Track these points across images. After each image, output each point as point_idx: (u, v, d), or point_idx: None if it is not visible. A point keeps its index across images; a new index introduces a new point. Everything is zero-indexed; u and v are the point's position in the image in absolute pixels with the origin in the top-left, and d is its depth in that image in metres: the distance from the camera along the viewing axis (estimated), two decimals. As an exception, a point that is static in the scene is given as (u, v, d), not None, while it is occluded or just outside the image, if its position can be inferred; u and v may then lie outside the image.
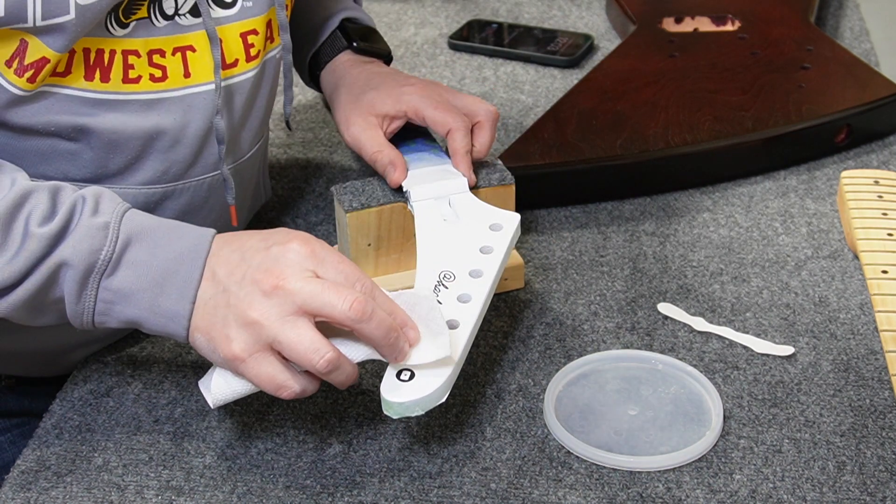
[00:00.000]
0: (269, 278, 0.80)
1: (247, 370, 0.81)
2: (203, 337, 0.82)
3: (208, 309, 0.82)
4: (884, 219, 1.07)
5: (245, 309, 0.80)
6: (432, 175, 1.01)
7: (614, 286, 1.06)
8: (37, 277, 0.82)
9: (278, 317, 0.79)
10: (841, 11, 1.56)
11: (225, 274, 0.82)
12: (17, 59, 0.84)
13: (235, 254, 0.83)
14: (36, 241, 0.81)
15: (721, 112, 1.22)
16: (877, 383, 0.94)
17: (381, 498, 0.85)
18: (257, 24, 0.95)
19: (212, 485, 0.86)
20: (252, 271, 0.81)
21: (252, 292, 0.80)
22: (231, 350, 0.80)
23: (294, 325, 0.79)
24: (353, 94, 1.06)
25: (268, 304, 0.79)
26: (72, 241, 0.81)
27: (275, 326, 0.79)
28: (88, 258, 0.82)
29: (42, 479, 0.87)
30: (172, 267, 0.83)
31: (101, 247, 0.82)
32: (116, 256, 0.82)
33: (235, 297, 0.81)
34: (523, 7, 1.60)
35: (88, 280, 0.82)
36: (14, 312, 0.84)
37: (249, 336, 0.80)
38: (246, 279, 0.81)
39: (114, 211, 0.83)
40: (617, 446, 0.88)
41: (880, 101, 1.25)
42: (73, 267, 0.82)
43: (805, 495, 0.84)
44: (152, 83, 0.90)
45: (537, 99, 1.37)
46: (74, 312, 0.84)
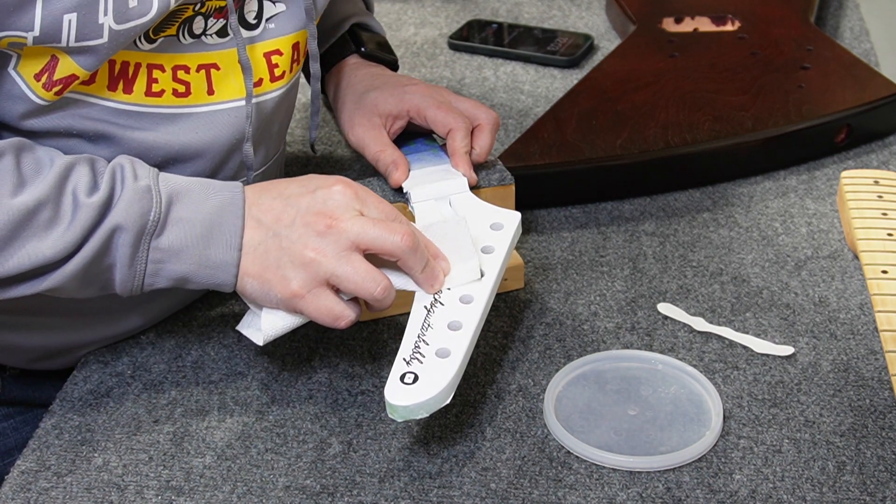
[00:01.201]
0: (322, 219, 0.85)
1: (306, 306, 0.86)
2: (255, 281, 0.86)
3: (259, 254, 0.86)
4: (884, 219, 1.07)
5: (301, 249, 0.85)
6: (432, 175, 1.01)
7: (614, 286, 1.06)
8: (92, 245, 0.83)
9: (334, 253, 0.84)
10: (841, 11, 1.56)
11: (272, 220, 0.86)
12: (46, 73, 0.85)
13: (278, 200, 0.87)
14: (87, 211, 0.83)
15: (721, 112, 1.22)
16: (877, 383, 0.94)
17: (381, 498, 0.85)
18: (281, 45, 0.96)
19: (212, 485, 0.86)
20: (302, 214, 0.86)
21: (306, 233, 0.85)
22: (290, 288, 0.85)
23: (349, 260, 0.85)
24: (355, 94, 1.06)
25: (323, 243, 0.84)
26: (122, 206, 0.84)
27: (332, 262, 0.84)
28: (139, 220, 0.84)
29: (42, 479, 0.87)
30: (216, 219, 0.86)
31: (150, 208, 0.84)
32: (163, 216, 0.85)
33: (288, 239, 0.85)
34: (523, 7, 1.60)
35: (140, 242, 0.84)
36: (67, 282, 0.85)
37: (307, 274, 0.85)
38: (297, 222, 0.85)
39: (149, 174, 0.86)
40: (617, 446, 0.88)
41: (880, 101, 1.25)
42: (126, 230, 0.84)
43: (805, 495, 0.84)
44: (175, 98, 0.91)
45: (537, 99, 1.37)
46: (126, 277, 0.86)
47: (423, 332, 0.87)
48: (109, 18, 0.83)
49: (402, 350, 0.86)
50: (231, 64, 0.93)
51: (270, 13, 0.95)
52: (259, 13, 0.94)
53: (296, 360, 0.98)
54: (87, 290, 0.87)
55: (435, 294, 0.89)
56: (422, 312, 0.88)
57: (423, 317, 0.88)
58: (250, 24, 0.94)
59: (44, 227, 0.82)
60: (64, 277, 0.84)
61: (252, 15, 0.94)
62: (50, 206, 0.83)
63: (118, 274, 0.85)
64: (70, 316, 0.97)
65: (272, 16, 0.95)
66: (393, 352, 0.96)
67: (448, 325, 0.87)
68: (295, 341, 1.00)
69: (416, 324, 0.87)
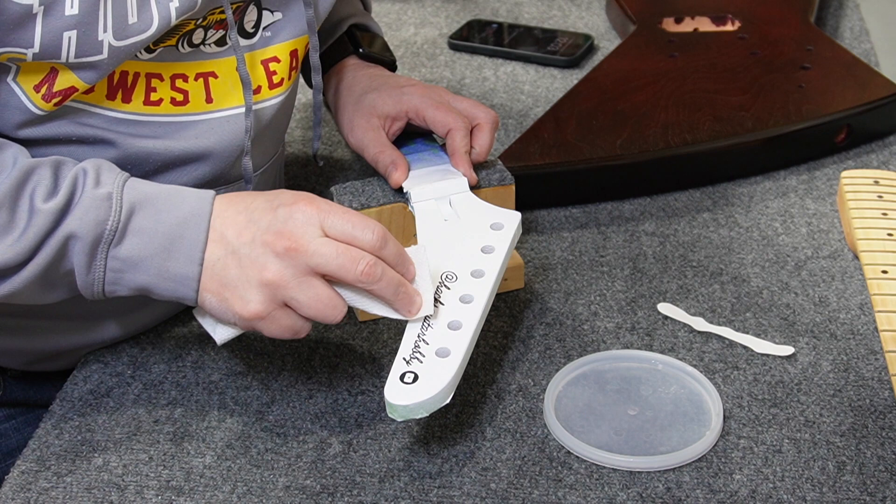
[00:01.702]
0: (281, 240, 0.82)
1: (265, 326, 0.84)
2: (214, 297, 0.84)
3: (217, 270, 0.84)
4: (884, 219, 1.07)
5: (259, 270, 0.82)
6: (432, 175, 1.01)
7: (614, 286, 1.06)
8: (47, 252, 0.82)
9: (293, 277, 0.82)
10: (841, 11, 1.56)
11: (233, 235, 0.84)
12: (46, 85, 0.85)
13: (242, 215, 0.84)
14: (42, 217, 0.82)
15: (721, 112, 1.22)
16: (877, 383, 0.94)
17: (381, 498, 0.85)
18: (279, 53, 0.96)
19: (212, 485, 0.86)
20: (261, 233, 0.83)
21: (264, 254, 0.82)
22: (249, 310, 0.83)
23: (310, 285, 0.82)
24: (354, 96, 1.07)
25: (282, 265, 0.82)
26: (78, 213, 0.82)
27: (291, 287, 0.82)
28: (95, 229, 0.82)
29: (42, 479, 0.87)
30: (178, 231, 0.84)
31: (107, 217, 0.83)
32: (122, 226, 0.83)
33: (247, 258, 0.83)
34: (523, 7, 1.60)
35: (97, 251, 0.83)
36: (26, 289, 0.84)
37: (266, 296, 0.83)
38: (256, 241, 0.83)
39: (115, 181, 0.84)
40: (617, 446, 0.88)
41: (880, 101, 1.25)
42: (80, 239, 0.82)
43: (805, 495, 0.84)
44: (173, 106, 0.91)
45: (537, 99, 1.37)
46: (85, 283, 0.85)
47: (422, 332, 0.87)
48: (109, 35, 0.83)
49: (402, 349, 0.86)
50: (229, 73, 0.93)
51: (268, 21, 0.95)
52: (257, 22, 0.94)
53: (296, 360, 0.98)
54: (50, 295, 0.86)
55: (435, 294, 0.89)
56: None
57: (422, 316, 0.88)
58: (248, 34, 0.94)
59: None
60: (21, 283, 0.83)
61: (251, 25, 0.94)
62: (5, 211, 0.81)
63: (78, 279, 0.84)
64: (69, 319, 0.97)
65: (269, 24, 0.95)
66: (393, 352, 0.96)
67: (448, 325, 0.87)
68: (295, 341, 1.00)
69: (416, 323, 0.87)
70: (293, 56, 0.98)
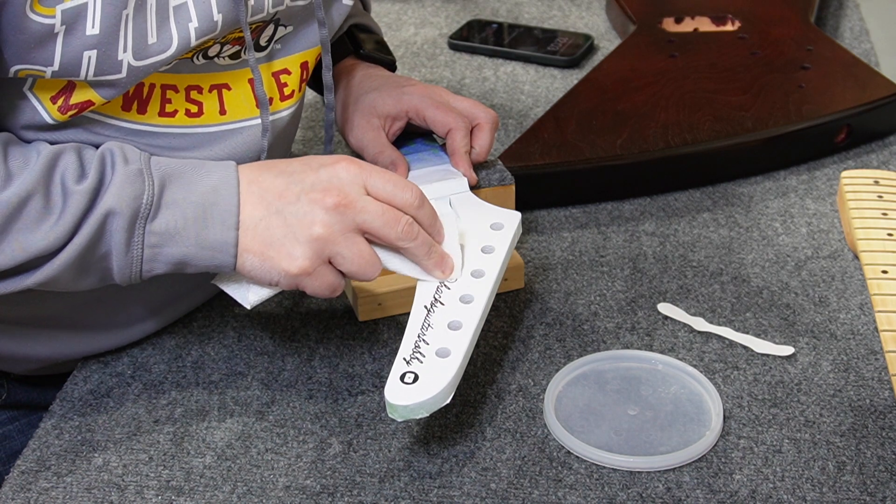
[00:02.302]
0: (329, 196, 0.84)
1: (310, 283, 0.86)
2: (256, 258, 0.85)
3: (260, 230, 0.85)
4: (884, 219, 1.07)
5: (309, 224, 0.84)
6: (432, 175, 1.01)
7: (614, 286, 1.06)
8: (86, 232, 0.82)
9: (341, 232, 0.84)
10: (841, 11, 1.56)
11: (274, 196, 0.85)
12: (62, 97, 0.85)
13: (280, 178, 0.86)
14: (77, 198, 0.82)
15: (721, 112, 1.22)
16: (877, 383, 0.94)
17: (381, 498, 0.85)
18: (289, 65, 0.96)
19: (212, 485, 0.86)
20: (307, 190, 0.85)
21: (312, 210, 0.84)
22: (297, 266, 0.84)
23: (355, 241, 0.85)
24: (354, 96, 1.06)
25: (331, 220, 0.84)
26: (114, 190, 0.83)
27: (338, 241, 0.85)
28: (132, 204, 0.83)
29: (42, 479, 0.87)
30: (210, 199, 0.85)
31: (142, 191, 0.83)
32: (156, 199, 0.84)
33: (294, 215, 0.84)
34: (523, 7, 1.60)
35: (135, 226, 0.83)
36: (62, 273, 0.84)
37: (314, 251, 0.84)
38: (303, 198, 0.85)
39: (140, 158, 0.85)
40: (617, 446, 0.88)
41: (880, 101, 1.25)
42: (119, 215, 0.83)
43: (805, 495, 0.84)
44: (188, 118, 0.91)
45: (537, 99, 1.37)
46: (123, 264, 0.85)
47: (423, 332, 0.87)
48: (129, 55, 0.83)
49: (403, 350, 0.86)
50: (242, 85, 0.93)
51: (279, 35, 0.95)
52: (272, 37, 0.94)
53: (296, 360, 0.98)
54: (85, 280, 0.86)
55: (435, 294, 0.89)
56: (422, 312, 0.88)
57: (423, 316, 0.88)
58: (261, 48, 0.94)
59: (35, 219, 0.81)
60: (58, 268, 0.83)
61: (266, 39, 0.94)
62: (39, 197, 0.82)
63: (115, 262, 0.85)
64: (73, 328, 0.97)
65: (280, 37, 0.95)
66: (393, 352, 0.96)
67: (448, 325, 0.87)
68: (295, 341, 1.00)
69: (417, 323, 0.87)
70: (303, 68, 0.98)
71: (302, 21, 0.96)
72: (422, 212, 0.88)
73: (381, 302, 1.01)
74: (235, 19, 0.88)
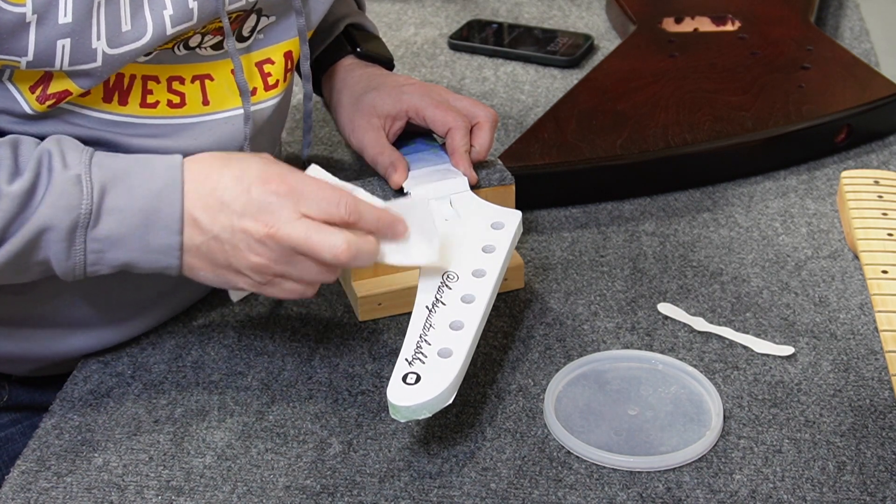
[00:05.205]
0: (259, 227, 0.83)
1: (272, 291, 0.86)
2: (209, 273, 0.86)
3: (202, 253, 0.85)
4: (884, 219, 1.07)
5: (245, 255, 0.84)
6: (433, 175, 1.01)
7: (614, 286, 1.06)
8: (16, 241, 0.81)
9: (278, 258, 0.84)
10: (841, 11, 1.56)
11: (208, 221, 0.84)
12: (40, 86, 0.85)
13: (212, 198, 0.84)
14: (7, 201, 0.80)
15: (721, 112, 1.22)
16: (877, 383, 0.94)
17: (381, 498, 0.85)
18: (272, 54, 0.96)
19: (212, 485, 0.86)
20: (238, 219, 0.83)
21: (245, 240, 0.83)
22: (247, 284, 0.86)
23: (296, 262, 0.84)
24: (353, 96, 1.06)
25: (265, 249, 0.83)
26: (49, 201, 0.81)
27: (279, 266, 0.84)
28: (69, 215, 0.82)
29: (42, 479, 0.87)
30: (153, 204, 0.83)
31: (80, 201, 0.82)
32: (96, 207, 0.82)
33: (230, 244, 0.84)
34: (523, 7, 1.60)
35: (75, 236, 0.82)
36: None
37: (258, 273, 0.85)
38: (235, 227, 0.83)
39: (80, 161, 0.83)
40: (617, 446, 0.88)
41: (880, 101, 1.25)
42: (55, 229, 0.82)
43: (805, 495, 0.84)
44: (170, 109, 0.91)
45: (537, 99, 1.37)
46: (65, 269, 0.84)
47: (424, 332, 0.87)
48: (103, 43, 0.83)
49: (404, 350, 0.86)
50: (225, 75, 0.93)
51: (262, 25, 0.95)
52: (254, 27, 0.94)
53: (296, 360, 0.98)
54: (23, 277, 0.86)
55: (436, 294, 0.89)
56: (423, 312, 0.88)
57: (424, 317, 0.88)
58: (244, 38, 0.94)
59: None
60: None
61: (248, 30, 0.94)
62: None
63: (56, 266, 0.84)
64: (71, 326, 0.97)
65: (263, 27, 0.95)
66: (393, 352, 0.96)
67: (450, 325, 0.87)
68: (295, 341, 1.00)
69: (418, 324, 0.87)
70: (287, 57, 0.98)
71: (284, 11, 0.96)
72: (362, 223, 0.85)
73: (381, 302, 1.01)
74: (214, 9, 0.88)
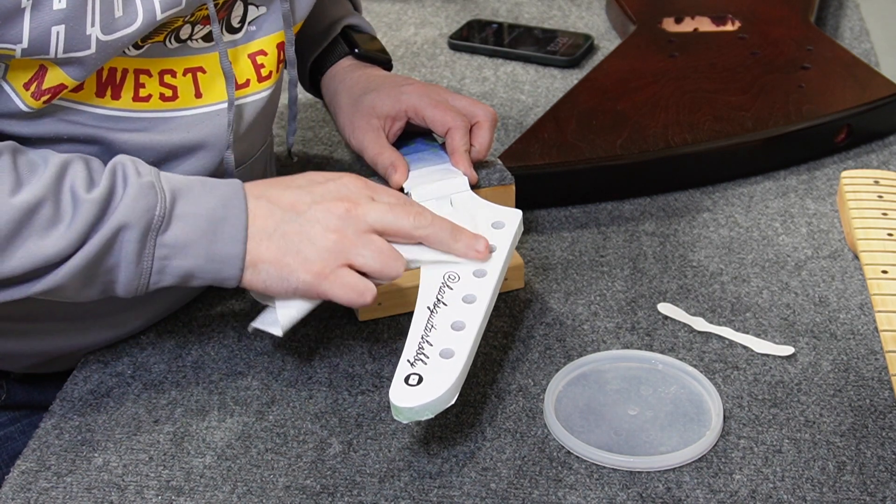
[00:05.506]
0: (340, 203, 0.88)
1: (330, 286, 0.87)
2: (273, 267, 0.87)
3: (275, 239, 0.87)
4: (884, 219, 1.07)
5: (322, 231, 0.87)
6: (433, 175, 1.01)
7: (614, 286, 1.06)
8: (95, 242, 0.83)
9: (355, 235, 0.87)
10: (841, 11, 1.56)
11: (287, 206, 0.88)
12: (35, 82, 0.85)
13: (289, 191, 0.89)
14: (87, 207, 0.83)
15: (721, 112, 1.22)
16: (877, 383, 0.94)
17: (381, 498, 0.85)
18: (265, 45, 0.97)
19: (212, 485, 0.86)
20: (318, 200, 0.88)
21: (325, 217, 0.87)
22: (313, 269, 0.86)
23: (370, 240, 0.87)
24: (353, 97, 1.06)
25: (343, 224, 0.87)
26: (127, 202, 0.84)
27: (354, 243, 0.87)
28: (145, 216, 0.84)
29: (42, 479, 0.87)
30: (219, 213, 0.86)
31: (155, 204, 0.84)
32: (168, 212, 0.85)
33: (308, 223, 0.87)
34: (523, 7, 1.60)
35: (147, 238, 0.84)
36: (68, 282, 0.84)
37: (329, 255, 0.86)
38: (315, 207, 0.88)
39: (151, 171, 0.87)
40: (617, 446, 0.88)
41: (880, 101, 1.25)
42: (132, 227, 0.84)
43: (805, 495, 0.84)
44: (162, 102, 0.91)
45: (537, 99, 1.37)
46: (132, 276, 0.85)
47: (426, 333, 0.87)
48: (97, 29, 0.83)
49: (406, 351, 0.86)
50: (217, 67, 0.94)
51: (253, 16, 0.95)
52: (244, 17, 0.95)
53: (296, 360, 0.98)
54: (88, 290, 0.87)
55: (438, 294, 0.89)
56: (425, 313, 0.88)
57: (426, 317, 0.88)
58: (234, 29, 0.95)
59: (45, 225, 0.82)
60: (64, 276, 0.83)
61: (237, 20, 0.94)
62: (50, 204, 0.82)
63: (123, 273, 0.85)
64: (69, 320, 0.97)
65: (254, 18, 0.95)
66: (393, 352, 0.96)
67: (451, 326, 0.87)
68: (295, 341, 1.00)
69: (420, 325, 0.87)
70: (280, 49, 0.98)
71: (274, 1, 0.96)
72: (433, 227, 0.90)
73: (381, 302, 1.01)
74: None
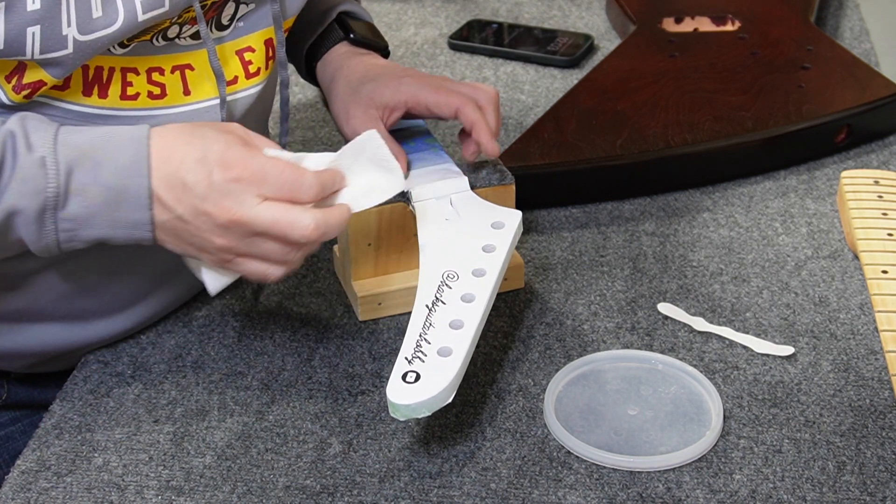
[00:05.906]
0: (222, 213, 0.82)
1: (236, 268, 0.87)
2: (177, 248, 0.86)
3: (168, 230, 0.85)
4: (884, 219, 1.07)
5: (209, 237, 0.84)
6: (433, 175, 1.01)
7: (614, 286, 1.06)
8: None
9: (241, 241, 0.84)
10: (841, 11, 1.56)
11: (173, 201, 0.83)
12: (15, 76, 0.85)
13: (175, 179, 0.83)
14: None
15: (721, 112, 1.22)
16: (877, 383, 0.94)
17: (381, 498, 0.85)
18: (252, 42, 0.96)
19: (212, 485, 0.86)
20: (200, 203, 0.83)
21: (208, 224, 0.83)
22: (214, 259, 0.86)
23: (258, 244, 0.84)
24: (351, 85, 1.06)
25: (229, 233, 0.83)
26: (15, 187, 0.81)
27: (243, 246, 0.84)
28: (37, 199, 0.81)
29: (42, 479, 0.87)
30: (120, 182, 0.82)
31: (46, 185, 0.81)
32: (63, 189, 0.82)
33: (194, 227, 0.84)
34: (523, 7, 1.60)
35: (44, 217, 0.82)
36: None
37: (224, 252, 0.85)
38: (198, 211, 0.83)
39: (45, 142, 0.82)
40: (617, 446, 0.88)
41: (880, 101, 1.25)
42: (23, 212, 0.81)
43: (805, 495, 0.84)
44: (150, 100, 0.91)
45: (537, 99, 1.37)
46: (39, 248, 0.84)
47: (424, 331, 0.87)
48: (73, 29, 0.83)
49: (404, 349, 0.86)
50: (205, 64, 0.93)
51: (241, 13, 0.95)
52: (234, 15, 0.94)
53: (296, 360, 0.98)
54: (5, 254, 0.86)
55: (437, 293, 0.89)
56: (423, 311, 0.88)
57: (424, 315, 0.88)
58: (224, 26, 0.94)
59: None
60: None
61: (227, 18, 0.94)
62: None
63: (30, 245, 0.84)
64: (68, 318, 0.97)
65: (242, 15, 0.95)
66: (393, 351, 0.96)
67: (450, 324, 0.87)
68: (295, 341, 1.00)
69: (418, 322, 0.87)
70: (268, 45, 0.97)
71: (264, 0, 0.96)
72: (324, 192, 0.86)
73: (381, 302, 1.01)
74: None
